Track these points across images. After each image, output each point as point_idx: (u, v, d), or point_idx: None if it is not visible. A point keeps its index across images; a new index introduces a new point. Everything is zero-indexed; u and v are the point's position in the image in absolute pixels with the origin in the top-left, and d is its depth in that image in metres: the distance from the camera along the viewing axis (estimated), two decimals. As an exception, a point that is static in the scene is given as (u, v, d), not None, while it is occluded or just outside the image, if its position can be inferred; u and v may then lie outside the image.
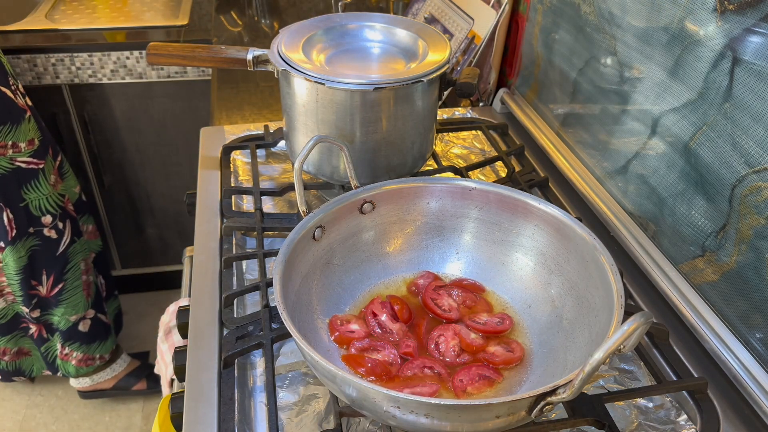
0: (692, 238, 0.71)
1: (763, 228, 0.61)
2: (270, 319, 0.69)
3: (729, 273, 0.66)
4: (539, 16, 1.03)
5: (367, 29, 0.91)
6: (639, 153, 0.80)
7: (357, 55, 0.88)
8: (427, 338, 0.64)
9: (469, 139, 1.09)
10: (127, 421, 1.77)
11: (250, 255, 0.79)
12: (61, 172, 1.51)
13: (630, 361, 0.69)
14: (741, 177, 0.63)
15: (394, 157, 0.85)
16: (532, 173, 0.97)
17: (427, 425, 0.49)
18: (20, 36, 1.60)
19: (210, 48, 0.87)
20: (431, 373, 0.60)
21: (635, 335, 0.45)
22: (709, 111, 0.67)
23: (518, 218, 0.69)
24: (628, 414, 0.63)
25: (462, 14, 1.23)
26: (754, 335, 0.64)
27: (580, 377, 0.46)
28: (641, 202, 0.81)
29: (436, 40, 0.87)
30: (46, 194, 1.44)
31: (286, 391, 0.64)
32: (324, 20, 0.91)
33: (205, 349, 0.68)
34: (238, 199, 0.92)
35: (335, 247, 0.68)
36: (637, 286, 0.78)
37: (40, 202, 1.43)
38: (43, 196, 1.43)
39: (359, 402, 0.51)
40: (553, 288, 0.66)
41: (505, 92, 1.17)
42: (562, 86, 0.98)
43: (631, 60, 0.79)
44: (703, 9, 0.66)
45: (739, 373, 0.63)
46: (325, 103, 0.79)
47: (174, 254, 2.06)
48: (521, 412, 0.49)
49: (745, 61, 0.61)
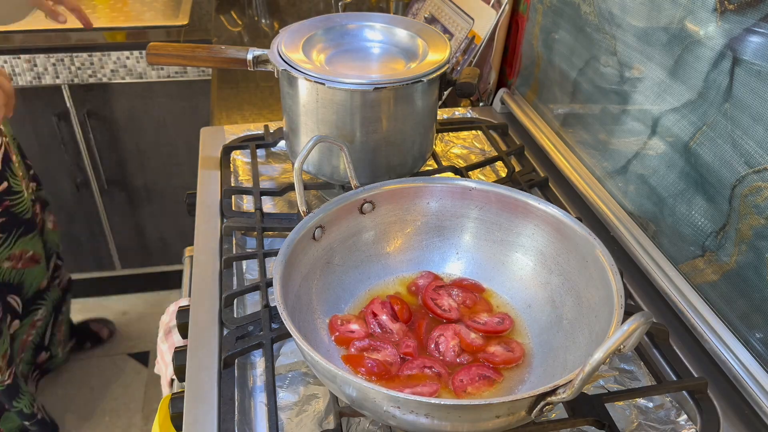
0: (692, 238, 0.71)
1: (763, 228, 0.61)
2: (270, 319, 0.69)
3: (729, 273, 0.66)
4: (539, 16, 1.03)
5: (367, 29, 0.91)
6: (639, 153, 0.80)
7: (357, 55, 0.88)
8: (427, 338, 0.64)
9: (469, 139, 1.09)
10: (127, 421, 1.77)
11: (250, 255, 0.79)
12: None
13: (630, 361, 0.69)
14: (741, 177, 0.63)
15: (394, 157, 0.85)
16: (532, 173, 0.97)
17: (427, 425, 0.49)
18: (20, 36, 1.60)
19: (210, 48, 0.87)
20: (431, 372, 0.60)
21: (635, 335, 0.45)
22: (709, 111, 0.67)
23: (518, 218, 0.69)
24: (628, 414, 0.63)
25: (462, 14, 1.23)
26: (754, 335, 0.64)
27: (580, 377, 0.46)
28: (641, 202, 0.81)
29: (436, 40, 0.87)
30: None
31: (286, 391, 0.64)
32: (324, 20, 0.91)
33: (205, 349, 0.68)
34: (238, 199, 0.92)
35: (335, 247, 0.68)
36: (637, 286, 0.78)
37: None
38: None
39: (359, 402, 0.51)
40: (553, 288, 0.66)
41: (505, 92, 1.17)
42: (562, 86, 0.98)
43: (631, 60, 0.79)
44: (703, 9, 0.66)
45: (739, 373, 0.63)
46: (325, 103, 0.79)
47: (174, 254, 2.06)
48: (521, 412, 0.49)
49: (745, 61, 0.61)
